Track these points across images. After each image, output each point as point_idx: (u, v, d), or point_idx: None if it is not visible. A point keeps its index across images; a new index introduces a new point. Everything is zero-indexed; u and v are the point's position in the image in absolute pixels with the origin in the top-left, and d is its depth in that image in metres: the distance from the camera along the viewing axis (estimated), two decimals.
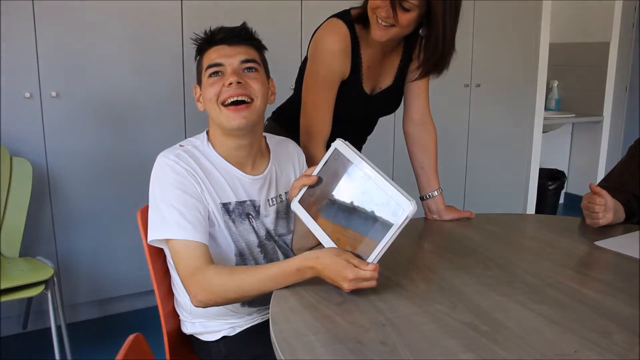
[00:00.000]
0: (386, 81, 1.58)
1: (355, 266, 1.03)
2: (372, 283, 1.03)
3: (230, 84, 1.18)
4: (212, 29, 1.25)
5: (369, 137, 1.77)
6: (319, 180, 1.16)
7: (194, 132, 1.30)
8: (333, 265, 1.04)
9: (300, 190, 1.19)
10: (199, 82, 1.26)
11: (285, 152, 1.39)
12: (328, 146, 1.49)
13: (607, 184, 1.59)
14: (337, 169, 1.14)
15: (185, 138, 2.58)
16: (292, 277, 1.09)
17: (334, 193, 1.14)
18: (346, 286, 1.02)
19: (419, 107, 1.64)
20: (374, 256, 1.04)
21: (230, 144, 1.25)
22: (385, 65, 1.56)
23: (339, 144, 1.15)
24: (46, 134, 2.28)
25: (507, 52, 3.44)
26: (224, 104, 1.20)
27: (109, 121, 2.39)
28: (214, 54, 1.22)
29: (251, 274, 1.12)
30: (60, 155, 2.32)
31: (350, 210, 1.11)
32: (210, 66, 1.21)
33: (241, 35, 1.24)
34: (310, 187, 1.18)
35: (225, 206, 1.23)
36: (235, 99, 1.19)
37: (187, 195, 1.17)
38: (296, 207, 1.20)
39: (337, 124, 1.53)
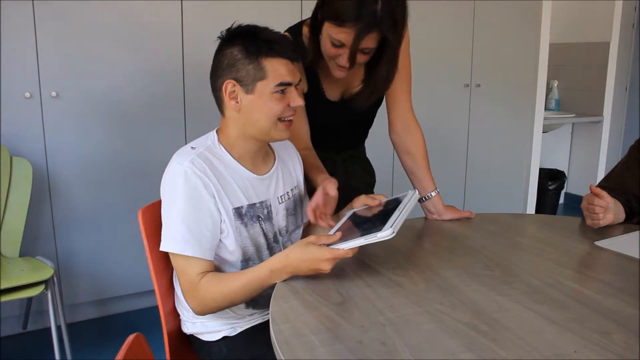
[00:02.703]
0: (355, 84, 1.55)
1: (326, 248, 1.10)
2: (348, 253, 1.10)
3: (296, 106, 1.23)
4: (263, 30, 1.21)
5: (369, 139, 1.77)
6: (383, 204, 1.30)
7: (193, 132, 1.30)
8: (305, 255, 1.09)
9: (362, 206, 1.33)
10: (244, 82, 1.19)
11: (285, 150, 1.41)
12: (321, 154, 1.51)
13: (607, 183, 1.59)
14: (393, 202, 1.27)
15: (185, 138, 2.61)
16: (267, 280, 1.14)
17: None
18: (327, 267, 1.08)
19: (400, 116, 1.62)
20: (346, 245, 1.11)
21: (252, 146, 1.27)
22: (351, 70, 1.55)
23: (411, 193, 1.29)
24: (46, 134, 2.28)
25: (507, 52, 3.44)
26: (280, 119, 1.23)
27: (109, 121, 2.39)
28: (282, 69, 1.19)
29: (234, 281, 1.16)
30: (60, 155, 2.32)
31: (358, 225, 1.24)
32: (282, 84, 1.19)
33: (298, 54, 1.25)
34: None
35: (237, 210, 1.24)
36: (292, 117, 1.25)
37: (197, 210, 1.17)
38: (348, 213, 1.33)
39: (325, 130, 1.53)
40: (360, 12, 1.24)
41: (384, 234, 1.07)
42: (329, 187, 1.29)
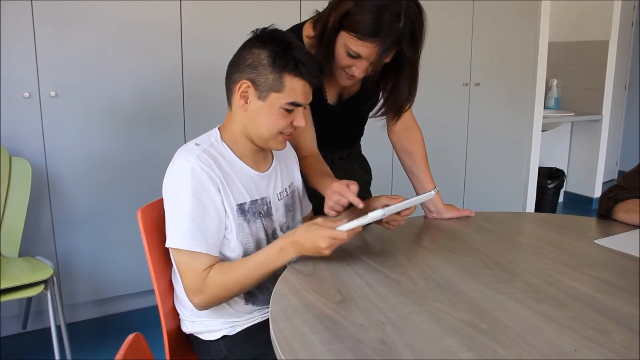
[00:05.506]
0: (353, 88, 1.55)
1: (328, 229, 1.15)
2: (343, 234, 1.14)
3: (299, 126, 1.24)
4: (296, 47, 1.21)
5: (368, 138, 1.77)
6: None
7: (192, 132, 1.30)
8: (308, 232, 1.15)
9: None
10: (259, 87, 1.20)
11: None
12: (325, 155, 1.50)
13: (622, 182, 1.58)
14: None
15: (184, 137, 2.60)
16: (278, 258, 1.17)
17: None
18: (324, 244, 1.12)
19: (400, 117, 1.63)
20: (343, 227, 1.15)
21: (254, 146, 1.28)
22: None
23: (429, 192, 1.31)
24: (45, 134, 2.28)
25: (506, 50, 3.44)
26: (281, 133, 1.25)
27: (108, 121, 2.39)
28: (300, 89, 1.21)
29: (244, 266, 1.19)
30: (59, 154, 2.32)
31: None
32: (294, 103, 1.21)
33: (319, 80, 1.27)
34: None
35: (240, 207, 1.25)
36: (292, 133, 1.28)
37: (203, 205, 1.18)
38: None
39: (324, 131, 1.53)
40: (384, 29, 1.25)
41: (375, 214, 1.11)
42: (353, 186, 1.27)
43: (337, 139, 1.65)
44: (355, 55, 1.31)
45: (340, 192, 1.27)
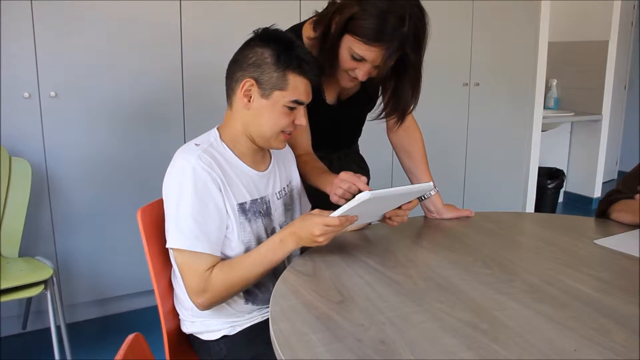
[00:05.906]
0: (352, 88, 1.56)
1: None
2: (335, 221, 1.14)
3: (300, 124, 1.26)
4: (299, 46, 1.23)
5: (368, 138, 1.77)
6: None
7: (192, 132, 1.30)
8: (303, 221, 1.17)
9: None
10: (263, 85, 1.21)
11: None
12: (317, 153, 1.50)
13: (621, 186, 1.59)
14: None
15: (184, 138, 2.60)
16: (279, 251, 1.19)
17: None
18: (317, 231, 1.14)
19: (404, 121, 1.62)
20: (335, 213, 1.16)
21: (254, 146, 1.29)
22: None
23: (428, 185, 1.28)
24: (45, 134, 2.28)
25: (506, 50, 3.44)
26: (282, 131, 1.26)
27: (108, 121, 2.39)
28: (302, 88, 1.23)
29: (246, 262, 1.20)
30: (59, 155, 2.32)
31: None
32: (296, 101, 1.23)
33: (319, 78, 1.29)
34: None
35: (241, 206, 1.25)
36: (292, 131, 1.30)
37: (205, 205, 1.18)
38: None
39: (323, 132, 1.53)
40: (389, 34, 1.25)
41: (361, 195, 1.11)
42: (362, 177, 1.28)
43: (335, 138, 1.65)
44: (360, 58, 1.31)
45: (350, 180, 1.27)
